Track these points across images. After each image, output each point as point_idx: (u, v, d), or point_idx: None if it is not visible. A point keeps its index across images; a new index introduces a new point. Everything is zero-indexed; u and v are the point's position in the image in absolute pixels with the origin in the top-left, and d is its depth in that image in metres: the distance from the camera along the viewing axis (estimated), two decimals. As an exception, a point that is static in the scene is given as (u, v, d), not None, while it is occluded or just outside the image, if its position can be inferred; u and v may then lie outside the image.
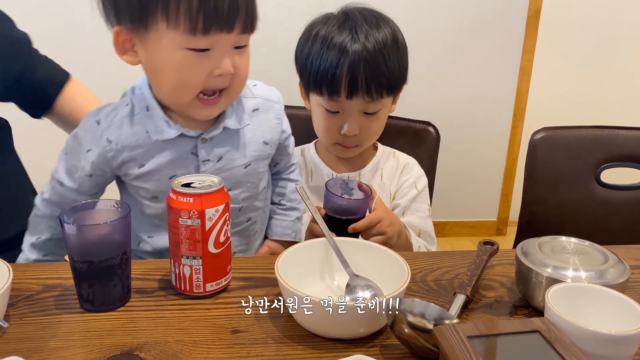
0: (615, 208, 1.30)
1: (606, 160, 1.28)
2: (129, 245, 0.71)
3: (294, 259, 0.74)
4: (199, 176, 0.75)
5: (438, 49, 2.29)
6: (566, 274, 0.70)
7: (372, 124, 1.04)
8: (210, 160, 0.87)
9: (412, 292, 0.79)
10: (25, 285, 0.76)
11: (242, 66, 0.81)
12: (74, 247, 0.68)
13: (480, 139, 2.46)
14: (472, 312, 0.75)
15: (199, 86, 0.79)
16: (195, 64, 0.77)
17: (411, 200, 1.11)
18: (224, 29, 0.75)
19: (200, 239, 0.70)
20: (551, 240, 0.78)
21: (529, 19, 2.29)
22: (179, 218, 0.70)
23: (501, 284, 0.83)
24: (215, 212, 0.70)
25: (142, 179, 0.87)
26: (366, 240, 0.94)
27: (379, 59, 0.98)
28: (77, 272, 0.70)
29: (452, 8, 2.25)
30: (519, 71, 2.37)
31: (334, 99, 1.00)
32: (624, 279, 0.70)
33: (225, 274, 0.75)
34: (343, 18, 1.02)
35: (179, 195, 0.70)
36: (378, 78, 0.98)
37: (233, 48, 0.79)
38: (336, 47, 0.98)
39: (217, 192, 0.71)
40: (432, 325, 0.60)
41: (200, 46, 0.76)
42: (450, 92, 2.36)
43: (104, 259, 0.68)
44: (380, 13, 1.05)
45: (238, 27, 0.77)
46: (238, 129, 0.89)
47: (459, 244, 2.53)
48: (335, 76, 0.97)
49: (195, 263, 0.72)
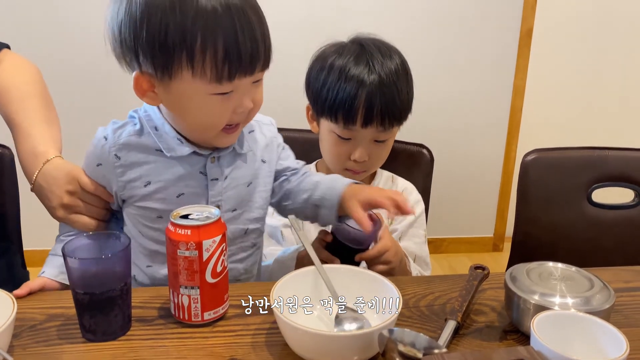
0: (607, 227, 1.32)
1: (597, 180, 1.31)
2: (129, 275, 0.74)
3: (288, 287, 0.76)
4: (197, 207, 0.77)
5: (431, 69, 2.32)
6: (553, 300, 0.73)
7: (381, 151, 1.09)
8: (218, 179, 0.89)
9: (405, 318, 0.81)
10: (29, 315, 0.78)
11: (259, 98, 0.85)
12: (75, 279, 0.71)
13: (475, 156, 2.49)
14: (463, 338, 0.77)
15: (223, 124, 0.82)
16: (219, 106, 0.80)
17: (408, 226, 1.13)
18: (247, 73, 0.79)
19: (197, 269, 0.73)
20: (538, 266, 0.81)
21: (522, 39, 2.33)
22: (177, 249, 0.72)
23: (492, 308, 0.85)
24: (212, 243, 0.72)
25: (148, 198, 0.87)
26: (370, 268, 0.94)
27: (393, 90, 1.02)
28: (79, 303, 0.72)
29: (445, 28, 2.29)
30: (512, 89, 2.40)
31: (348, 127, 1.03)
32: (609, 305, 0.72)
33: (222, 303, 0.77)
34: (359, 49, 1.05)
35: (177, 227, 0.72)
36: (392, 109, 1.03)
37: (251, 84, 0.82)
38: (354, 78, 1.01)
39: (214, 223, 0.73)
40: (422, 354, 0.62)
41: (224, 91, 0.79)
42: (444, 111, 2.39)
43: (105, 290, 0.70)
44: (388, 43, 1.09)
45: (258, 68, 0.80)
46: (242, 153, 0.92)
47: (456, 261, 2.55)
48: (352, 106, 1.01)
49: (193, 293, 0.74)
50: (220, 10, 0.74)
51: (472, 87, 2.39)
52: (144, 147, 0.86)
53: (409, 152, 1.29)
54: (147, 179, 0.86)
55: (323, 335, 0.68)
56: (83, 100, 2.18)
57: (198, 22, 0.74)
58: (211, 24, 0.74)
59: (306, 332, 0.66)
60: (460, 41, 2.32)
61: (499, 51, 2.35)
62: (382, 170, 1.21)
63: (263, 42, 0.79)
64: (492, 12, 2.29)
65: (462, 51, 2.33)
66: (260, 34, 0.78)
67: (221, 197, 0.89)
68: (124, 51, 0.79)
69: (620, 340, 0.63)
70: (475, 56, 2.34)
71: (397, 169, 1.24)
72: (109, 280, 0.71)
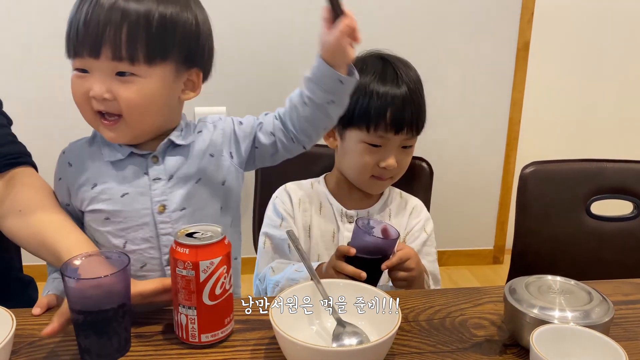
0: (606, 239, 1.32)
1: (595, 193, 1.31)
2: (128, 297, 0.72)
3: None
4: (203, 226, 0.77)
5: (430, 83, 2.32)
6: (552, 314, 0.73)
7: (407, 157, 1.12)
8: (161, 178, 0.90)
9: (404, 332, 0.81)
10: (28, 332, 0.78)
11: (125, 95, 0.83)
12: (72, 298, 0.70)
13: (474, 169, 2.50)
14: (463, 353, 0.77)
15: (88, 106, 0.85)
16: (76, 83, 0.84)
17: (422, 245, 1.13)
18: (88, 54, 0.81)
19: (194, 289, 0.72)
20: (537, 279, 0.81)
21: (519, 52, 2.34)
22: (176, 267, 0.72)
23: (491, 322, 0.85)
24: (209, 265, 0.71)
25: (95, 200, 0.89)
26: (391, 276, 0.97)
27: (419, 97, 1.09)
28: (75, 323, 0.71)
29: (443, 42, 2.31)
30: (510, 102, 2.42)
31: (380, 135, 1.05)
32: (608, 319, 0.72)
33: (222, 326, 0.76)
34: (382, 62, 1.09)
35: (177, 245, 0.72)
36: (419, 114, 1.08)
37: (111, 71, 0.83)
38: (386, 89, 1.05)
39: (215, 244, 0.72)
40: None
41: (75, 66, 0.84)
42: (443, 124, 2.39)
43: (102, 311, 0.69)
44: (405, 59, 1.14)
45: (104, 53, 0.81)
46: (185, 145, 0.91)
47: (457, 273, 2.54)
48: (385, 115, 1.04)
49: (190, 313, 0.73)
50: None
51: (470, 100, 2.40)
52: (92, 153, 0.91)
53: (408, 166, 1.29)
54: (94, 181, 0.90)
55: (322, 351, 0.68)
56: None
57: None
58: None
59: (305, 348, 0.66)
60: (458, 55, 2.33)
61: (496, 64, 2.36)
62: (391, 186, 1.20)
63: (108, 28, 0.79)
64: (489, 26, 2.31)
65: (459, 64, 2.35)
66: (108, 23, 0.79)
67: (166, 197, 0.90)
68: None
69: (619, 353, 0.63)
70: (473, 70, 2.36)
71: (398, 183, 1.24)
72: (106, 301, 0.70)
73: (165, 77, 0.85)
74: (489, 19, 2.30)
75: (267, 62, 2.21)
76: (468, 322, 0.84)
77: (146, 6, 0.81)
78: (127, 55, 0.80)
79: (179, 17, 0.84)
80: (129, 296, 0.73)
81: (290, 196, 1.14)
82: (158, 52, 0.82)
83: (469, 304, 0.90)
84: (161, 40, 0.82)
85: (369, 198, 1.15)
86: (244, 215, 2.17)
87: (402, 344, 0.78)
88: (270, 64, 2.22)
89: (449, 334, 0.81)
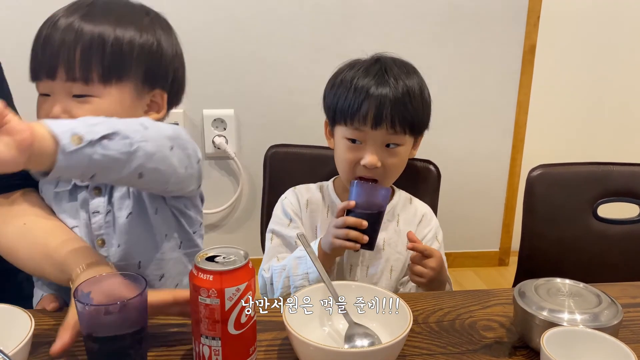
0: (613, 242, 1.33)
1: (602, 196, 1.32)
2: (144, 323, 0.68)
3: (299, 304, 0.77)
4: (225, 248, 0.71)
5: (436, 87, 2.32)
6: (562, 317, 0.74)
7: (392, 159, 1.07)
8: (99, 212, 0.89)
9: (414, 334, 0.82)
10: (46, 332, 0.79)
11: (75, 112, 0.85)
12: (85, 324, 0.66)
13: (480, 171, 2.50)
14: (473, 354, 0.78)
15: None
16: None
17: None
18: (48, 76, 0.84)
19: (219, 319, 0.67)
20: (546, 282, 0.82)
21: (525, 55, 2.35)
22: (198, 295, 0.67)
23: (500, 324, 0.86)
24: (236, 292, 0.66)
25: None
26: (410, 267, 1.01)
27: (405, 97, 1.04)
28: (88, 350, 0.67)
29: (449, 45, 2.31)
30: (517, 105, 2.42)
31: (359, 128, 1.04)
32: (617, 321, 0.73)
33: (247, 356, 0.71)
34: (373, 61, 1.09)
35: (200, 272, 0.67)
36: (402, 112, 1.03)
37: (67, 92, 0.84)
38: (366, 82, 1.04)
39: (240, 269, 0.67)
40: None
41: (39, 91, 0.86)
42: (450, 128, 2.40)
43: (116, 338, 0.65)
44: (411, 65, 1.12)
45: (59, 75, 0.83)
46: None
47: (462, 275, 2.55)
48: (362, 107, 1.03)
49: (214, 344, 0.68)
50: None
51: (477, 104, 2.40)
52: (52, 183, 0.91)
53: (416, 169, 1.31)
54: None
55: (334, 352, 0.69)
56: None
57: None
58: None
59: (318, 349, 0.68)
60: (464, 58, 2.34)
61: (502, 68, 2.37)
62: (401, 191, 1.20)
63: (61, 49, 0.81)
64: (495, 29, 2.31)
65: (466, 68, 2.35)
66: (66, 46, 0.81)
67: (103, 232, 0.89)
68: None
69: (629, 356, 0.64)
70: (479, 73, 2.36)
71: (405, 185, 1.25)
72: (120, 328, 0.65)
73: (123, 97, 0.85)
74: (495, 22, 2.30)
75: (274, 62, 2.23)
76: (477, 324, 0.85)
77: (101, 28, 0.83)
78: (81, 75, 0.82)
79: (137, 39, 0.85)
80: (146, 321, 0.69)
81: (299, 198, 1.16)
82: (113, 72, 0.84)
83: (477, 306, 0.90)
84: (115, 60, 0.83)
85: None
86: (251, 216, 2.19)
87: (413, 345, 0.79)
88: (277, 65, 2.23)
89: (458, 335, 0.82)
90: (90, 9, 0.85)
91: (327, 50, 2.21)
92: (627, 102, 2.63)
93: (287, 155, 1.35)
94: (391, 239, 1.12)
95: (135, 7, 0.90)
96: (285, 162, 1.34)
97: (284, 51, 2.22)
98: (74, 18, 0.82)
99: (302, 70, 2.23)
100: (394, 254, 1.12)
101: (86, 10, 0.84)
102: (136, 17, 0.87)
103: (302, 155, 1.35)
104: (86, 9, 0.85)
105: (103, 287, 0.69)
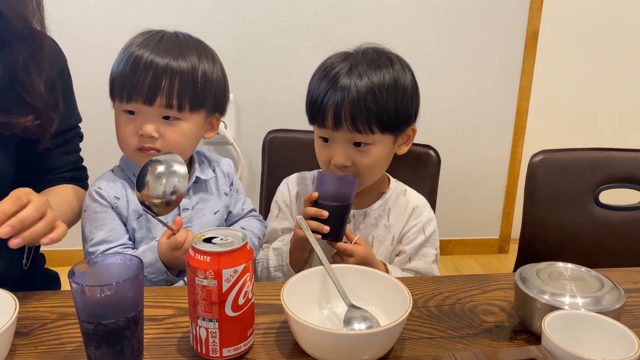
0: (614, 228, 1.32)
1: (604, 182, 1.30)
2: (140, 305, 0.67)
3: (297, 287, 0.76)
4: (223, 230, 0.71)
5: (437, 72, 2.33)
6: (563, 300, 0.73)
7: (364, 158, 1.02)
8: (187, 208, 1.04)
9: (414, 318, 0.81)
10: (40, 314, 0.79)
11: (169, 134, 0.99)
12: (79, 306, 0.65)
13: (481, 157, 2.49)
14: (473, 338, 0.77)
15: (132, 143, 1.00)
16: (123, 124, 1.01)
17: (418, 247, 1.10)
18: (144, 101, 0.96)
19: (216, 300, 0.66)
20: (548, 266, 0.81)
21: (527, 41, 2.33)
22: (195, 277, 0.66)
23: (501, 308, 0.85)
24: (233, 273, 0.65)
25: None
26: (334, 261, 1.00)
27: (368, 95, 0.98)
28: (83, 332, 0.66)
29: (452, 30, 2.29)
30: (519, 91, 2.40)
31: (323, 127, 1.02)
32: (619, 305, 0.72)
33: (245, 339, 0.70)
34: (345, 56, 1.04)
35: (196, 253, 0.66)
36: (364, 113, 0.98)
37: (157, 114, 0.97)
38: (328, 79, 1.01)
39: (238, 250, 0.66)
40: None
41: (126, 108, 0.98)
42: (451, 113, 2.39)
43: (112, 321, 0.64)
44: (390, 55, 1.05)
45: (156, 102, 0.96)
46: (206, 179, 1.08)
47: (462, 262, 2.54)
48: (322, 106, 1.00)
49: (211, 326, 0.67)
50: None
51: (479, 89, 2.39)
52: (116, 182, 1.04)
53: (416, 154, 1.29)
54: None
55: (334, 334, 0.68)
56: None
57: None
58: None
59: (317, 331, 0.67)
60: (467, 43, 2.32)
61: (505, 53, 2.35)
62: (396, 183, 1.16)
63: (164, 81, 0.94)
64: (498, 14, 2.29)
65: (468, 53, 2.33)
66: (160, 74, 0.94)
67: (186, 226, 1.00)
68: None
69: (632, 340, 0.63)
70: (481, 58, 2.34)
71: (405, 170, 1.24)
72: (116, 310, 0.64)
73: (200, 121, 1.01)
74: (498, 8, 2.28)
75: (273, 47, 2.20)
76: (477, 308, 0.84)
77: (191, 63, 0.97)
78: (177, 104, 0.96)
79: (212, 72, 1.00)
80: (142, 304, 0.68)
81: (289, 189, 1.16)
82: (200, 102, 0.99)
83: (478, 291, 0.90)
84: (202, 92, 0.99)
85: (369, 194, 1.12)
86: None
87: (413, 329, 0.78)
88: (277, 49, 2.21)
89: (458, 319, 0.81)
90: (174, 42, 0.98)
91: (328, 34, 2.18)
92: (630, 88, 2.61)
93: (286, 140, 1.34)
94: (380, 235, 1.11)
95: (199, 41, 1.04)
96: (284, 148, 1.33)
97: (284, 35, 2.19)
98: (163, 53, 0.95)
99: (302, 54, 2.21)
100: (382, 250, 1.11)
101: (170, 44, 0.98)
102: (204, 51, 1.02)
103: (300, 140, 1.33)
104: (173, 45, 0.98)
105: (99, 268, 0.69)
